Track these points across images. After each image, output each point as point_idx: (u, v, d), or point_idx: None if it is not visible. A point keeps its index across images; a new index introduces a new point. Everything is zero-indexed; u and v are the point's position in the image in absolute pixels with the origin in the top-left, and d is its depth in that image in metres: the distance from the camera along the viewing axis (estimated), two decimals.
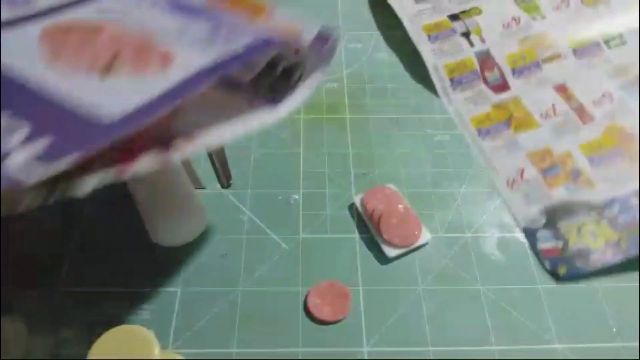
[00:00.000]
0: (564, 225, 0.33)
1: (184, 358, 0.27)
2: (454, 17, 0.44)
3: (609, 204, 0.33)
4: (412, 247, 0.32)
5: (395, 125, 0.39)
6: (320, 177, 0.36)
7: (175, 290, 0.31)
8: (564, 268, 0.31)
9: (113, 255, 0.32)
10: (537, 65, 0.41)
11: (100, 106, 0.22)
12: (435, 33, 0.43)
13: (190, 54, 0.24)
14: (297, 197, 0.35)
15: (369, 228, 0.33)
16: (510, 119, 0.38)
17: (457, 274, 0.32)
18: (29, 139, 0.21)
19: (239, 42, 0.25)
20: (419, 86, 0.42)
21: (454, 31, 0.43)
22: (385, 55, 0.44)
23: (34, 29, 0.26)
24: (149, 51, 0.25)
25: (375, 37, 0.46)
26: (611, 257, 0.31)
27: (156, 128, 0.23)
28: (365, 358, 0.29)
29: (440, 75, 0.41)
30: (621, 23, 0.42)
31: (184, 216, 0.31)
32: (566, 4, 0.43)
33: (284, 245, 0.33)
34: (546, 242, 0.33)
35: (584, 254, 0.32)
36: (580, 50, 0.41)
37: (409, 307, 0.31)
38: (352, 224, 0.34)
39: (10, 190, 0.19)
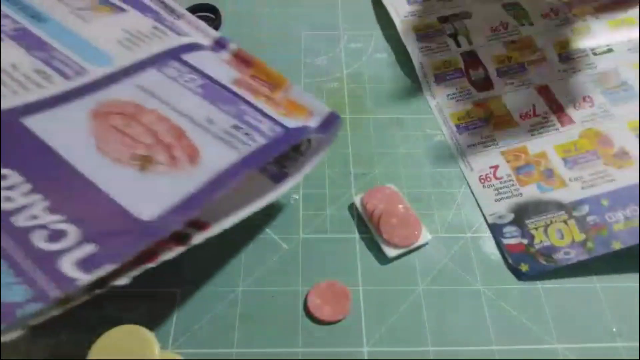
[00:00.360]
0: (531, 222, 0.33)
1: (184, 358, 0.27)
2: (443, 19, 0.45)
3: (579, 204, 0.34)
4: (412, 247, 0.32)
5: (395, 125, 0.39)
6: (320, 177, 0.36)
7: (175, 291, 0.31)
8: (526, 265, 0.32)
9: None
10: (522, 67, 0.41)
11: (139, 205, 0.23)
12: (424, 33, 0.44)
13: (217, 150, 0.26)
14: (297, 197, 0.35)
15: (369, 228, 0.33)
16: (489, 117, 0.39)
17: (457, 274, 0.32)
18: (74, 245, 0.22)
19: (263, 135, 0.27)
20: (419, 86, 0.42)
21: (442, 32, 0.44)
22: (385, 55, 0.44)
23: (81, 108, 0.27)
24: (180, 142, 0.26)
25: (375, 37, 0.46)
26: (575, 256, 0.32)
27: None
28: (365, 358, 0.29)
29: (425, 72, 0.42)
30: (609, 33, 0.43)
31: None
32: (554, 12, 0.44)
33: (284, 245, 0.33)
34: (511, 238, 0.33)
35: (548, 251, 0.32)
36: (566, 55, 0.42)
37: (409, 307, 0.31)
38: (352, 224, 0.34)
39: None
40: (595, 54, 0.42)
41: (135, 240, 0.22)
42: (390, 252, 0.32)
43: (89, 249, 0.22)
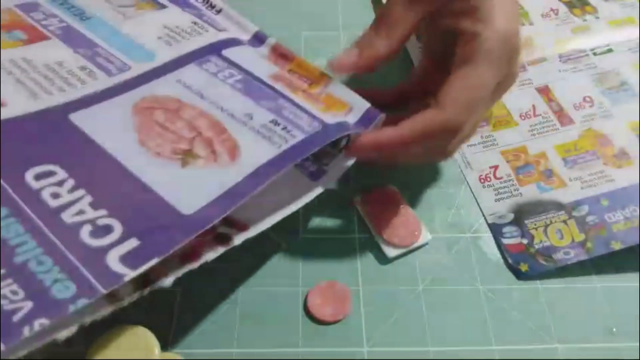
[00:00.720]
0: (531, 222, 0.33)
1: (184, 358, 0.27)
2: None
3: (579, 204, 0.34)
4: (412, 247, 0.32)
5: None
6: None
7: (175, 290, 0.31)
8: (526, 265, 0.32)
9: None
10: (522, 67, 0.41)
11: (180, 199, 0.24)
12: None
13: (256, 145, 0.26)
14: None
15: (369, 228, 0.33)
16: (489, 117, 0.39)
17: (457, 274, 0.32)
18: (119, 240, 0.22)
19: (302, 130, 0.27)
20: None
21: None
22: None
23: (124, 104, 0.28)
24: (220, 137, 0.27)
25: None
26: (575, 256, 0.32)
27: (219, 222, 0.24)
28: (365, 358, 0.29)
29: None
30: (609, 33, 0.43)
31: None
32: (555, 12, 0.44)
33: (284, 245, 0.33)
34: (511, 238, 0.33)
35: (548, 251, 0.32)
36: (566, 55, 0.42)
37: (409, 307, 0.31)
38: (352, 224, 0.34)
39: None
40: (595, 54, 0.42)
41: (178, 234, 0.22)
42: (390, 252, 0.32)
43: (133, 243, 0.22)
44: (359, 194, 0.34)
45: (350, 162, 0.30)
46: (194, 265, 0.24)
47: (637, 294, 0.31)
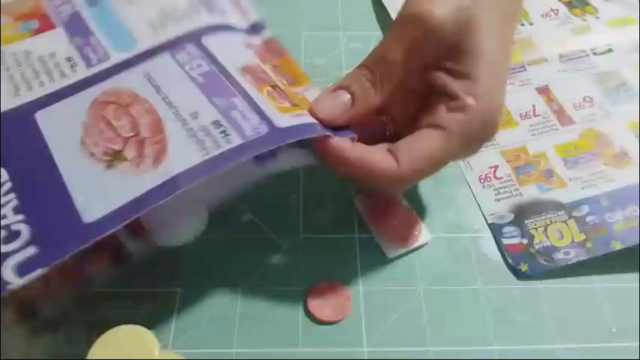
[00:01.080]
0: (531, 222, 0.33)
1: (184, 358, 0.27)
2: None
3: (579, 204, 0.34)
4: (412, 247, 0.32)
5: None
6: (320, 177, 0.36)
7: (175, 290, 0.31)
8: (526, 265, 0.32)
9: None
10: (522, 67, 0.41)
11: (87, 205, 0.23)
12: None
13: (184, 150, 0.25)
14: (297, 197, 0.35)
15: (369, 228, 0.33)
16: None
17: (457, 274, 0.32)
18: (21, 247, 0.22)
19: (242, 135, 0.25)
20: None
21: None
22: None
23: (86, 99, 0.27)
24: (154, 138, 0.26)
25: (375, 37, 0.46)
26: (575, 256, 0.32)
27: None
28: (365, 358, 0.29)
29: None
30: (609, 33, 0.43)
31: (185, 215, 0.31)
32: (555, 12, 0.44)
33: (284, 245, 0.33)
34: (511, 238, 0.33)
35: (548, 251, 0.32)
36: (566, 55, 0.42)
37: (409, 307, 0.31)
38: (352, 224, 0.34)
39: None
40: (595, 54, 0.42)
41: (71, 244, 0.21)
42: (390, 252, 0.32)
43: (31, 251, 0.22)
44: (359, 194, 0.34)
45: (309, 159, 0.28)
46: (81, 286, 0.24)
47: (637, 294, 0.31)
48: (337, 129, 0.27)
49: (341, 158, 0.26)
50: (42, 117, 0.26)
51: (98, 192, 0.24)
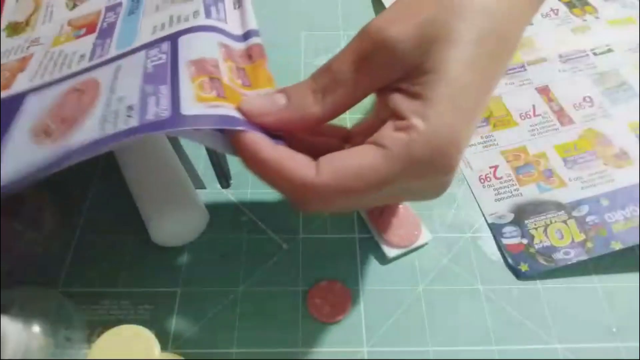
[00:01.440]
0: (531, 222, 0.34)
1: (184, 358, 0.27)
2: None
3: (579, 204, 0.34)
4: (412, 247, 0.32)
5: None
6: None
7: (175, 290, 0.31)
8: (526, 265, 0.32)
9: (113, 255, 0.32)
10: (522, 67, 0.41)
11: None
12: None
13: (93, 127, 0.25)
14: None
15: (369, 228, 0.33)
16: (489, 118, 0.39)
17: (457, 274, 0.32)
18: None
19: (141, 118, 0.25)
20: None
21: None
22: None
23: (62, 88, 0.29)
24: (80, 117, 0.26)
25: None
26: (575, 256, 0.32)
27: None
28: (365, 358, 0.29)
29: None
30: (609, 33, 0.43)
31: (185, 215, 0.31)
32: (555, 12, 0.44)
33: (284, 245, 0.33)
34: (511, 238, 0.33)
35: (548, 251, 0.32)
36: (566, 55, 0.42)
37: (409, 307, 0.31)
38: (352, 224, 0.34)
39: None
40: (595, 54, 0.42)
41: None
42: (390, 252, 0.32)
43: None
44: None
45: (220, 145, 0.27)
46: None
47: (637, 294, 0.31)
48: (273, 137, 0.26)
49: (254, 155, 0.24)
50: (26, 105, 0.28)
51: (17, 158, 0.25)
